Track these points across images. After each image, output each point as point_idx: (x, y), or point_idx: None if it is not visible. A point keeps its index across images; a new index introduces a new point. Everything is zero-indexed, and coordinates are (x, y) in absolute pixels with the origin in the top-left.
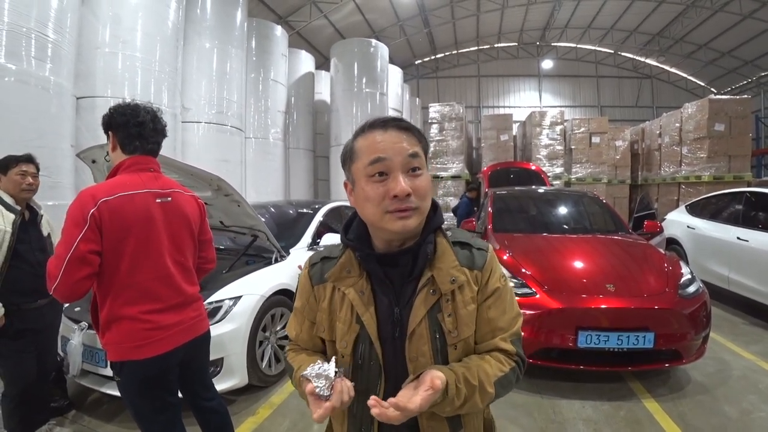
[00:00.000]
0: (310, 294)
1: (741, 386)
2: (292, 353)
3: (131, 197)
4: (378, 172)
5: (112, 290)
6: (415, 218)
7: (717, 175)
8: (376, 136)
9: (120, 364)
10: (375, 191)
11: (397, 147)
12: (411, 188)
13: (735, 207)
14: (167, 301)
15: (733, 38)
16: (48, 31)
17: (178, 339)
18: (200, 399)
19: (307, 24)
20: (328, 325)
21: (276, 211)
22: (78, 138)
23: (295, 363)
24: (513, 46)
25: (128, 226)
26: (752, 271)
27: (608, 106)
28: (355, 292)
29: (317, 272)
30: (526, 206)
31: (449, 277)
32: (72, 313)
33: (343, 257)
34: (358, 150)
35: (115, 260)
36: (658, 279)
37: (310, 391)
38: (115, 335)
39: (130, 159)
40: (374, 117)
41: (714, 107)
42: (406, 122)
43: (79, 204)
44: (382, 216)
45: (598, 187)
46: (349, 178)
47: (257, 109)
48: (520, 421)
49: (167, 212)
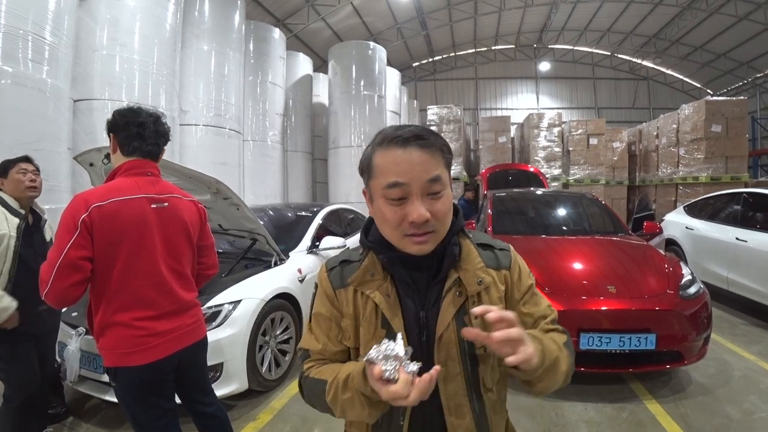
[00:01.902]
0: (333, 299)
1: (742, 387)
2: (315, 368)
3: (125, 202)
4: (396, 197)
5: (105, 296)
6: (431, 243)
7: (714, 175)
8: (396, 155)
9: (114, 370)
10: (393, 214)
11: (417, 171)
12: (430, 212)
13: (733, 207)
14: (162, 308)
15: (728, 40)
16: (45, 34)
17: (172, 346)
18: (199, 404)
19: (304, 27)
20: (353, 331)
21: (275, 214)
22: (75, 141)
23: (326, 374)
24: (510, 49)
25: (121, 231)
26: (751, 271)
27: (605, 108)
28: (381, 296)
29: (337, 276)
30: (526, 208)
31: (476, 279)
32: (69, 318)
33: (367, 260)
34: (377, 167)
35: (108, 266)
36: (659, 280)
37: (379, 376)
38: (109, 341)
39: (128, 162)
40: (395, 127)
41: (711, 108)
42: (428, 138)
43: (70, 209)
44: (400, 238)
45: (596, 188)
46: (367, 189)
47: (255, 111)
48: (522, 424)
49: (163, 218)
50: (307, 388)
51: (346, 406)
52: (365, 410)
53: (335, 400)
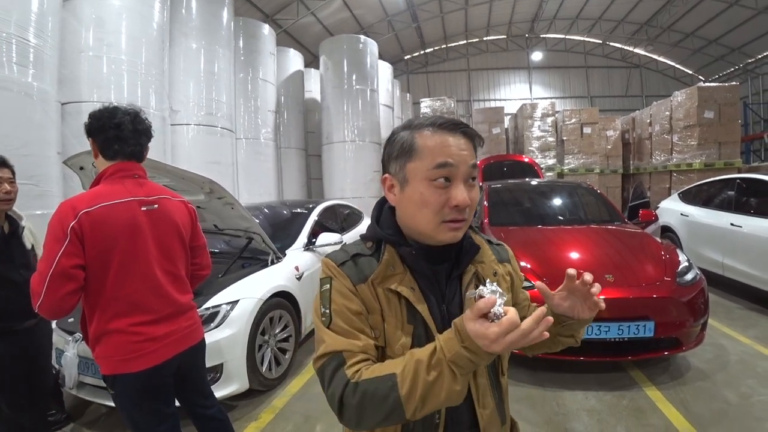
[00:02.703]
0: (356, 293)
1: (739, 371)
2: (366, 369)
3: (114, 207)
4: (443, 176)
5: (100, 304)
6: (463, 230)
7: (708, 162)
8: (445, 138)
9: (113, 378)
10: (436, 197)
11: (464, 155)
12: (470, 199)
13: (727, 193)
14: (158, 312)
15: (719, 26)
16: (29, 36)
17: (170, 350)
18: (199, 407)
19: (294, 22)
20: (382, 328)
21: (270, 212)
22: (65, 145)
23: (388, 368)
24: (502, 39)
25: (112, 236)
26: (746, 256)
27: (598, 97)
28: (407, 289)
29: (352, 270)
30: (521, 199)
31: (491, 271)
32: (66, 324)
33: (387, 254)
34: (421, 148)
35: (101, 273)
36: (656, 268)
37: (489, 306)
38: (105, 349)
39: (113, 166)
40: (438, 116)
41: (703, 95)
42: (472, 130)
43: (58, 217)
44: (437, 224)
45: (591, 177)
46: (397, 174)
47: (247, 109)
48: (524, 414)
49: (154, 220)
50: (360, 395)
51: (430, 389)
52: (457, 384)
53: (413, 389)
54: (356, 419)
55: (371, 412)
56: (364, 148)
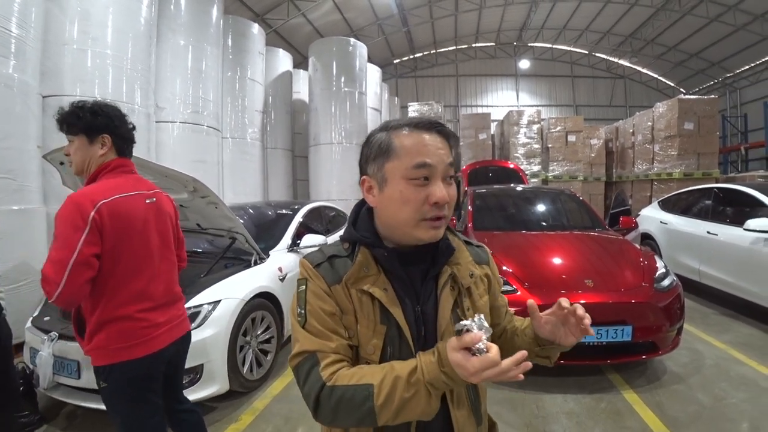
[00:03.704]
0: (331, 294)
1: (713, 374)
2: (343, 372)
3: (127, 199)
4: (423, 176)
5: (107, 291)
6: (443, 228)
7: (687, 171)
8: (424, 138)
9: (109, 368)
10: (416, 195)
11: (441, 154)
12: (448, 197)
13: (704, 202)
14: (158, 300)
15: (700, 40)
16: (11, 26)
17: (168, 337)
18: (176, 402)
19: (284, 22)
20: (355, 329)
21: (255, 213)
22: (45, 139)
23: (365, 377)
24: (490, 46)
25: (127, 227)
26: (721, 263)
27: (583, 106)
28: (379, 290)
29: (327, 272)
30: (506, 204)
31: (468, 272)
32: (40, 323)
33: (361, 255)
34: (400, 148)
35: (112, 262)
36: (634, 273)
37: (474, 341)
38: (106, 337)
39: (115, 161)
40: (415, 117)
41: (683, 107)
42: (448, 129)
43: (74, 207)
44: (417, 222)
45: (575, 184)
46: (375, 175)
47: (234, 108)
48: (504, 417)
49: (154, 212)
50: (336, 399)
51: (405, 405)
52: (431, 404)
53: (389, 402)
54: (330, 420)
55: (345, 415)
56: (351, 150)
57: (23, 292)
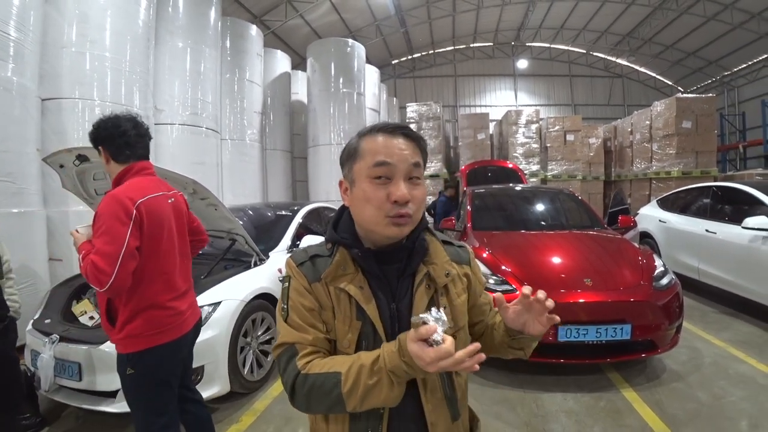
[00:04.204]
0: (311, 291)
1: (712, 372)
2: (316, 362)
3: (156, 198)
4: (381, 175)
5: (143, 282)
6: (409, 226)
7: (685, 170)
8: (384, 140)
9: (140, 354)
10: (376, 194)
11: (402, 154)
12: (410, 195)
13: (703, 201)
14: (179, 290)
15: (697, 39)
16: (9, 29)
17: (190, 322)
18: (186, 389)
19: (282, 23)
20: (333, 323)
21: (254, 214)
22: (44, 142)
23: (335, 366)
24: (488, 46)
25: (159, 223)
26: (720, 261)
27: (582, 105)
28: (355, 288)
29: (309, 270)
30: (504, 204)
31: (444, 271)
32: (41, 325)
33: (338, 255)
34: (363, 150)
35: (147, 255)
36: (633, 272)
37: (429, 333)
38: (138, 326)
39: (138, 164)
40: (383, 122)
41: (681, 105)
42: (414, 132)
43: (118, 205)
44: (381, 219)
45: (574, 183)
46: (347, 177)
47: (233, 109)
48: (504, 417)
49: (175, 211)
50: (309, 386)
51: (370, 391)
52: (394, 391)
53: (354, 389)
54: (305, 406)
55: (316, 401)
56: None
57: (23, 295)
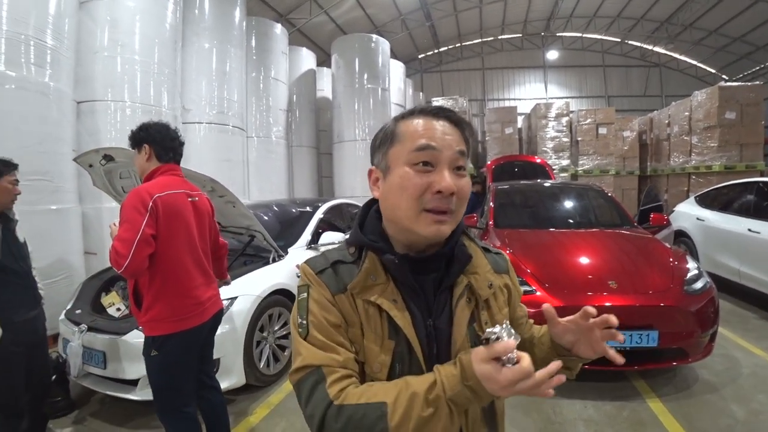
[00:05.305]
0: (335, 304)
1: (751, 384)
2: (352, 390)
3: (175, 195)
4: (424, 161)
5: (162, 268)
6: (449, 225)
7: (728, 164)
8: (428, 122)
9: (165, 338)
10: (417, 180)
11: (448, 140)
12: (456, 186)
13: (746, 198)
14: (200, 280)
15: (744, 23)
16: (46, 38)
17: (210, 311)
18: (205, 375)
19: (307, 21)
20: (361, 343)
21: (276, 210)
22: (79, 142)
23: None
24: (517, 38)
25: (175, 216)
26: (764, 263)
27: (616, 96)
28: (388, 302)
29: (331, 279)
30: (528, 201)
31: (487, 282)
32: (73, 315)
33: (368, 262)
34: (402, 133)
35: (165, 244)
36: (662, 275)
37: (507, 350)
38: (161, 311)
39: (166, 165)
40: (422, 105)
41: (724, 95)
42: (458, 116)
43: (138, 198)
44: (417, 214)
45: (606, 179)
46: (380, 163)
47: (259, 108)
48: (518, 422)
49: (196, 208)
50: (345, 419)
51: (424, 425)
52: (454, 423)
53: (405, 422)
54: None
55: None
56: None
57: (59, 287)
